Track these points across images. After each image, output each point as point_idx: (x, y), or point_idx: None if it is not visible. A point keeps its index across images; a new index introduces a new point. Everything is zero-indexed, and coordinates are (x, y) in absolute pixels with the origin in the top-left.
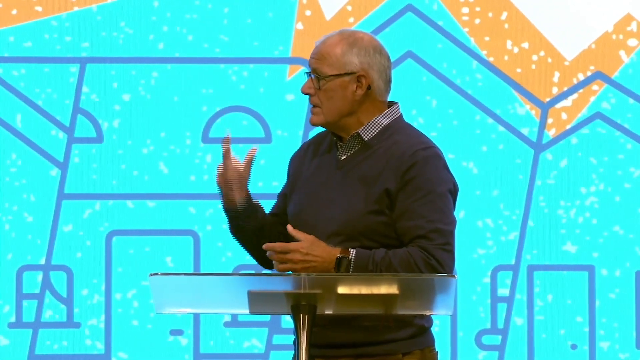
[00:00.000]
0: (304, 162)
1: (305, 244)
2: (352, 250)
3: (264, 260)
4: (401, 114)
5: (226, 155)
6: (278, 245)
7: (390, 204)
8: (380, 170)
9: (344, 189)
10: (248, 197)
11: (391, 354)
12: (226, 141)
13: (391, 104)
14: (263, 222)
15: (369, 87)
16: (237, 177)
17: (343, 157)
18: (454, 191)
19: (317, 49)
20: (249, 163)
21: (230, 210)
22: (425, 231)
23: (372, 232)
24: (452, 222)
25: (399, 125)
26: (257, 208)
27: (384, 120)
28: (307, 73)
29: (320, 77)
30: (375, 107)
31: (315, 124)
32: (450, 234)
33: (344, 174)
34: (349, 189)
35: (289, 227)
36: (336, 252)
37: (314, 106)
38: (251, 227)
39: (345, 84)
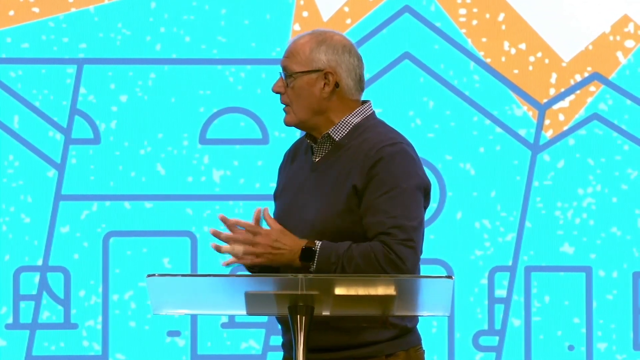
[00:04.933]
0: (286, 168)
1: (274, 232)
2: (317, 242)
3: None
4: (373, 112)
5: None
6: (247, 224)
7: (359, 201)
8: (348, 169)
9: (317, 192)
10: None
11: (374, 356)
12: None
13: (364, 102)
14: None
15: (337, 85)
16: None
17: (317, 160)
18: (422, 187)
19: (288, 48)
20: (258, 218)
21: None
22: (386, 227)
23: (346, 233)
24: (417, 217)
25: (370, 123)
26: None
27: (354, 119)
28: (279, 72)
29: (289, 74)
30: (346, 106)
31: (288, 124)
32: (413, 230)
33: (318, 177)
34: (321, 191)
35: (266, 211)
36: (302, 242)
37: (286, 105)
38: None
39: (313, 81)
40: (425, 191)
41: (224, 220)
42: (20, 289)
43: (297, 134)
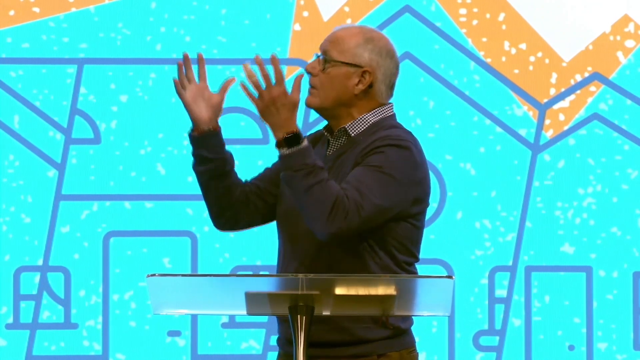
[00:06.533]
0: None
1: (290, 99)
2: (306, 140)
3: (217, 214)
4: (394, 114)
5: (200, 69)
6: (265, 74)
7: None
8: (354, 161)
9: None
10: (218, 130)
11: (365, 356)
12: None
13: (385, 104)
14: (227, 166)
15: (370, 86)
16: (208, 97)
17: (329, 153)
18: (407, 187)
19: (333, 33)
20: (225, 90)
21: (195, 135)
22: (349, 186)
23: None
24: (380, 199)
25: (387, 123)
26: (225, 149)
27: (373, 117)
28: (316, 53)
29: (328, 59)
30: (371, 107)
31: (309, 105)
32: (371, 205)
33: (330, 169)
34: None
35: (298, 78)
36: (296, 128)
37: (312, 87)
38: (213, 164)
39: (349, 75)
40: (415, 197)
41: (202, 62)
42: (20, 288)
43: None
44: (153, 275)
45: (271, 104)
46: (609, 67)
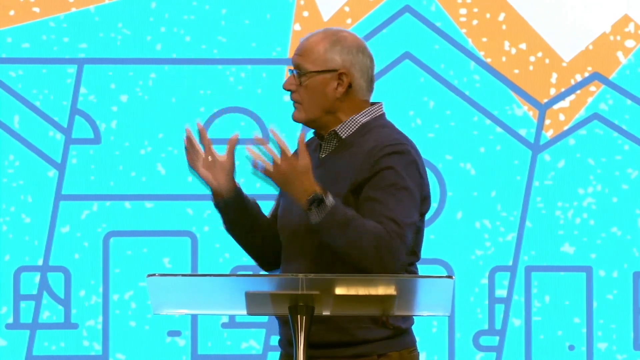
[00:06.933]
0: None
1: (300, 167)
2: (330, 196)
3: (262, 260)
4: (383, 113)
5: (207, 148)
6: (283, 145)
7: (358, 197)
8: (351, 166)
9: (321, 186)
10: (237, 189)
11: (366, 356)
12: (192, 134)
13: (374, 103)
14: (258, 218)
15: (350, 86)
16: (220, 165)
17: (323, 156)
18: (419, 191)
19: (300, 46)
20: (232, 151)
21: (220, 202)
22: (383, 218)
23: None
24: (410, 217)
25: (378, 123)
26: (249, 202)
27: (362, 118)
28: (290, 69)
29: (302, 73)
30: (356, 106)
31: (297, 120)
32: (406, 228)
33: (323, 172)
34: (325, 186)
35: (301, 138)
36: (318, 189)
37: (296, 102)
38: (245, 222)
39: (327, 81)
40: (423, 196)
41: (202, 132)
42: (20, 288)
43: (297, 134)
44: (153, 275)
45: (285, 178)
46: (609, 67)
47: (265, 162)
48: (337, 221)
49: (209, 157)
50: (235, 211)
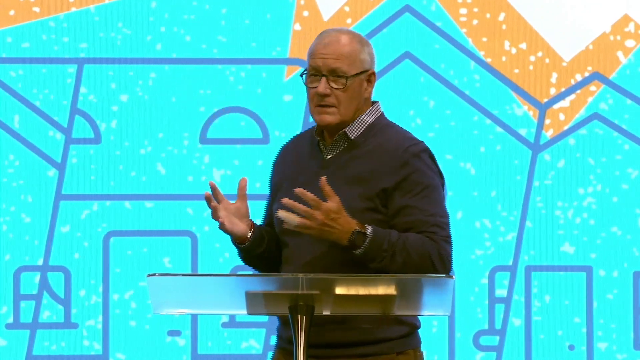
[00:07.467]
0: (285, 165)
1: (334, 210)
2: (368, 227)
3: (268, 270)
4: (383, 112)
5: (221, 203)
6: (312, 197)
7: (386, 201)
8: (373, 168)
9: (333, 189)
10: (253, 225)
11: (386, 353)
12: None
13: (373, 102)
14: (269, 240)
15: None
16: (236, 211)
17: (328, 157)
18: (443, 183)
19: (332, 49)
20: (243, 196)
21: (243, 245)
22: (428, 225)
23: None
24: (446, 213)
25: (383, 123)
26: (262, 231)
27: (368, 118)
28: (319, 75)
29: (345, 76)
30: (366, 105)
31: (328, 124)
32: (448, 227)
33: (331, 174)
34: (339, 188)
35: (324, 181)
36: (354, 224)
37: (330, 106)
38: (261, 251)
39: (362, 82)
40: (444, 186)
41: (214, 189)
42: (20, 288)
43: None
44: (153, 275)
45: (323, 226)
46: (609, 66)
47: (301, 220)
48: (383, 249)
49: (226, 207)
50: (256, 247)
